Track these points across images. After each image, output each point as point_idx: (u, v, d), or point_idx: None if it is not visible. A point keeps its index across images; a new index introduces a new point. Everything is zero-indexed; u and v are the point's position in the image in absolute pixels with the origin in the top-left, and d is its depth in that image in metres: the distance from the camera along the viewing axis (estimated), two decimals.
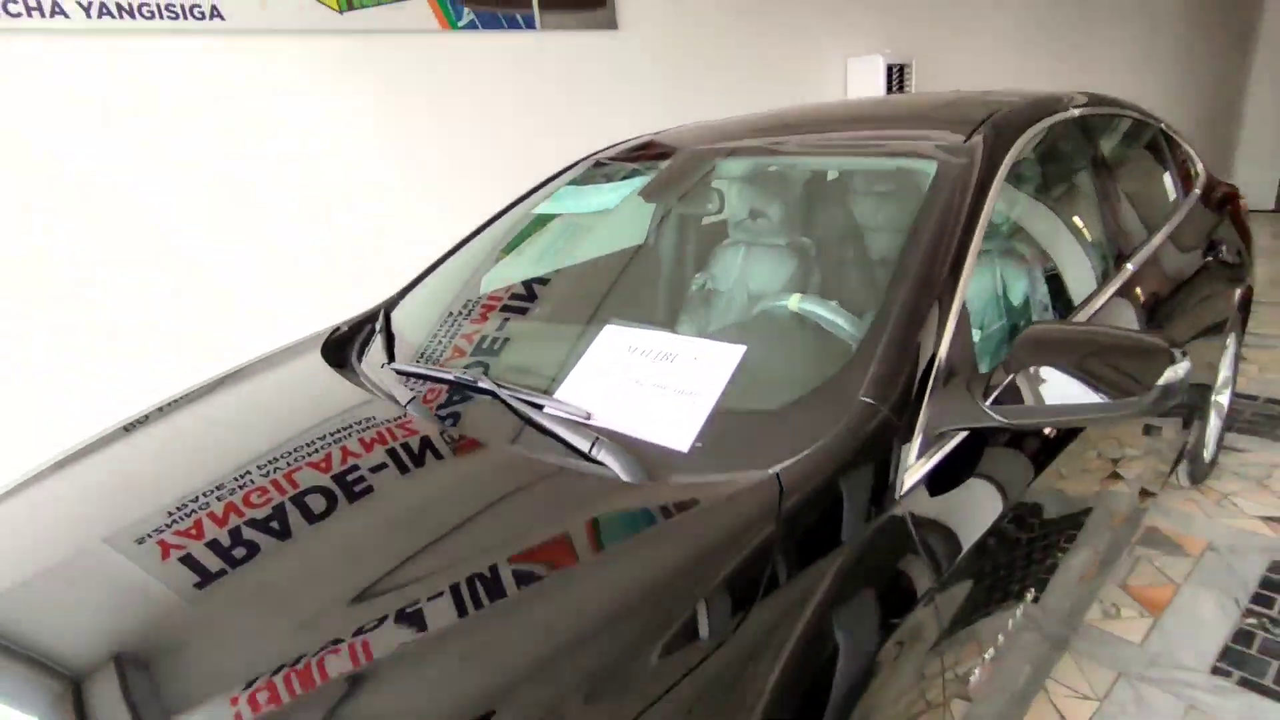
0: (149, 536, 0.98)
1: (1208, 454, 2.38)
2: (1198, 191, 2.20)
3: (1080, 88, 1.84)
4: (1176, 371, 0.92)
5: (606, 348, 1.18)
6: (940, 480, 0.98)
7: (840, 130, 1.60)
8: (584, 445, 0.97)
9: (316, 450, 1.11)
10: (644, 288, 1.83)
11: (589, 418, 1.06)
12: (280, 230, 3.02)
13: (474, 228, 1.97)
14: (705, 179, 1.74)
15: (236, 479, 1.07)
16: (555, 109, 4.09)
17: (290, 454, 1.10)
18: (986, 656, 1.11)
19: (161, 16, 2.91)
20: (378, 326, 1.61)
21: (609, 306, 1.63)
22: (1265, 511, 2.26)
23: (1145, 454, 1.70)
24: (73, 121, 2.61)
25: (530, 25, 4.00)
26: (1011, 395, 0.96)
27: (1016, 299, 1.51)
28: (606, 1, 4.29)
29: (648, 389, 1.07)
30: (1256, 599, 1.89)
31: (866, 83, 5.62)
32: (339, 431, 1.16)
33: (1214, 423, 2.43)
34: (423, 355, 1.42)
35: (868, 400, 0.93)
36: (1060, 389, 0.95)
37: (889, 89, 5.63)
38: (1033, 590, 1.22)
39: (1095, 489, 1.44)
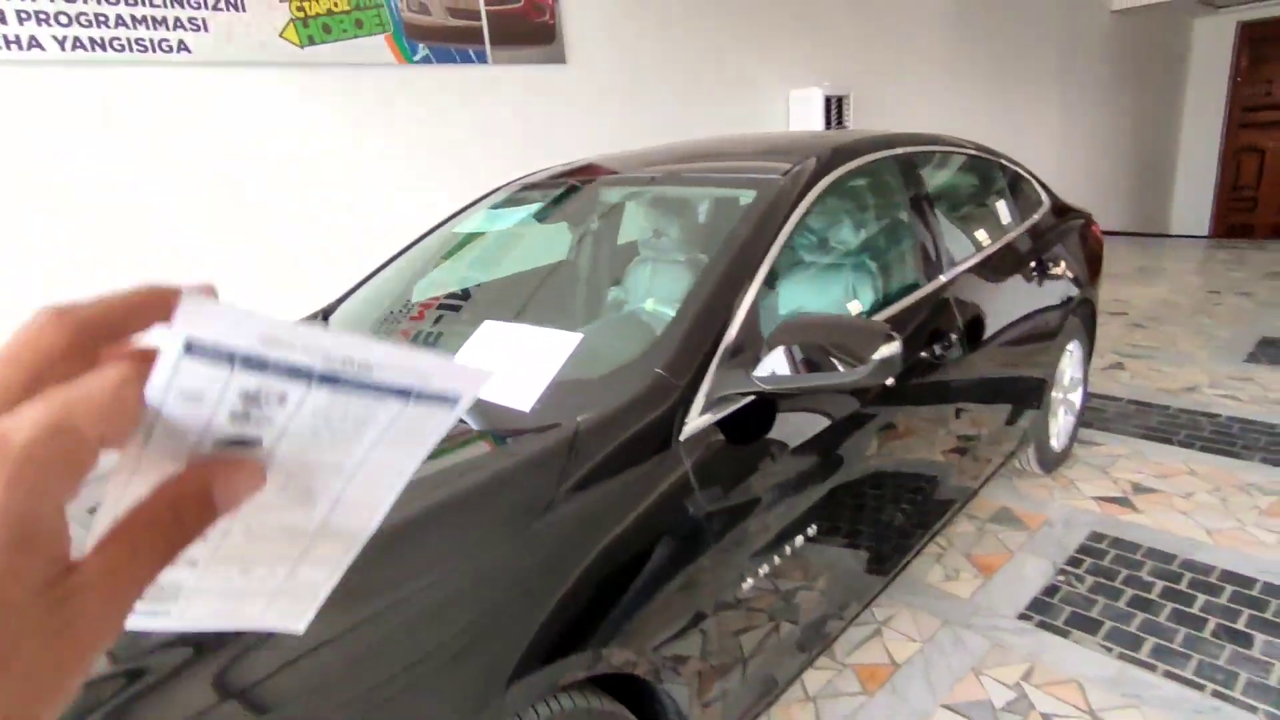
0: None
1: (1057, 444, 2.73)
2: (1036, 218, 2.57)
3: (1010, 123, 2.19)
4: (890, 349, 1.24)
5: (483, 338, 1.48)
6: (738, 431, 1.29)
7: (705, 161, 1.93)
8: None
9: None
10: (562, 297, 2.15)
11: None
12: (236, 246, 3.30)
13: (405, 244, 2.26)
14: (593, 204, 2.06)
15: None
16: (508, 136, 4.42)
17: None
18: (813, 586, 1.42)
19: (132, 50, 3.21)
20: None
21: (528, 314, 1.94)
22: (1100, 493, 2.61)
23: (963, 435, 2.03)
24: (56, 141, 2.89)
25: (482, 59, 4.33)
26: (779, 365, 1.28)
27: (833, 297, 1.85)
28: (555, 38, 4.65)
29: (510, 367, 1.37)
30: (1070, 561, 2.22)
31: (807, 113, 6.03)
32: None
33: (1065, 418, 2.78)
34: None
35: (660, 371, 1.24)
36: (810, 360, 1.27)
37: (828, 120, 6.04)
38: (845, 528, 1.53)
39: (905, 458, 1.76)
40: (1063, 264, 2.56)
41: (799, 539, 1.41)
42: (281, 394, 0.23)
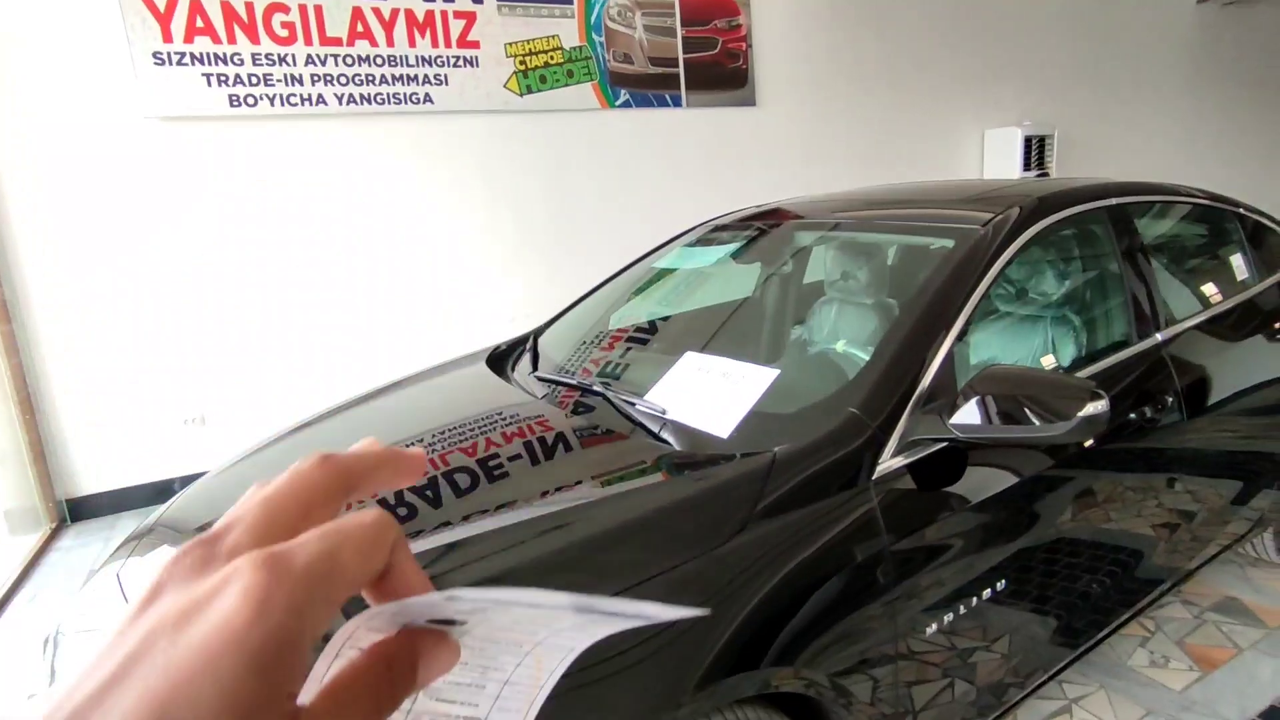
0: None
1: None
2: None
3: (1254, 166, 2.01)
4: (1096, 407, 1.21)
5: (685, 367, 1.61)
6: (928, 478, 1.32)
7: (897, 209, 1.96)
8: (655, 428, 1.41)
9: (477, 430, 1.62)
10: (747, 332, 2.26)
11: (665, 413, 1.49)
12: (460, 265, 3.77)
13: (610, 274, 2.49)
14: (783, 246, 2.15)
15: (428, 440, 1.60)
16: (698, 177, 4.65)
17: (458, 429, 1.62)
18: (993, 647, 1.40)
19: (389, 103, 3.80)
20: (527, 346, 2.16)
21: (712, 345, 2.07)
22: None
23: (1176, 509, 1.85)
24: (329, 186, 3.53)
25: (677, 103, 4.61)
26: (975, 416, 1.28)
27: (1029, 349, 1.79)
28: (746, 82, 4.83)
29: (710, 395, 1.49)
30: None
31: (1003, 154, 5.71)
32: (493, 417, 1.66)
33: None
34: (559, 369, 1.93)
35: (854, 411, 1.30)
36: (1009, 413, 1.26)
37: (1026, 162, 5.68)
38: (1032, 592, 1.48)
39: (1114, 530, 1.66)
40: None
41: (982, 595, 1.38)
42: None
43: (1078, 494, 1.59)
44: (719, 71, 4.73)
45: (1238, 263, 2.21)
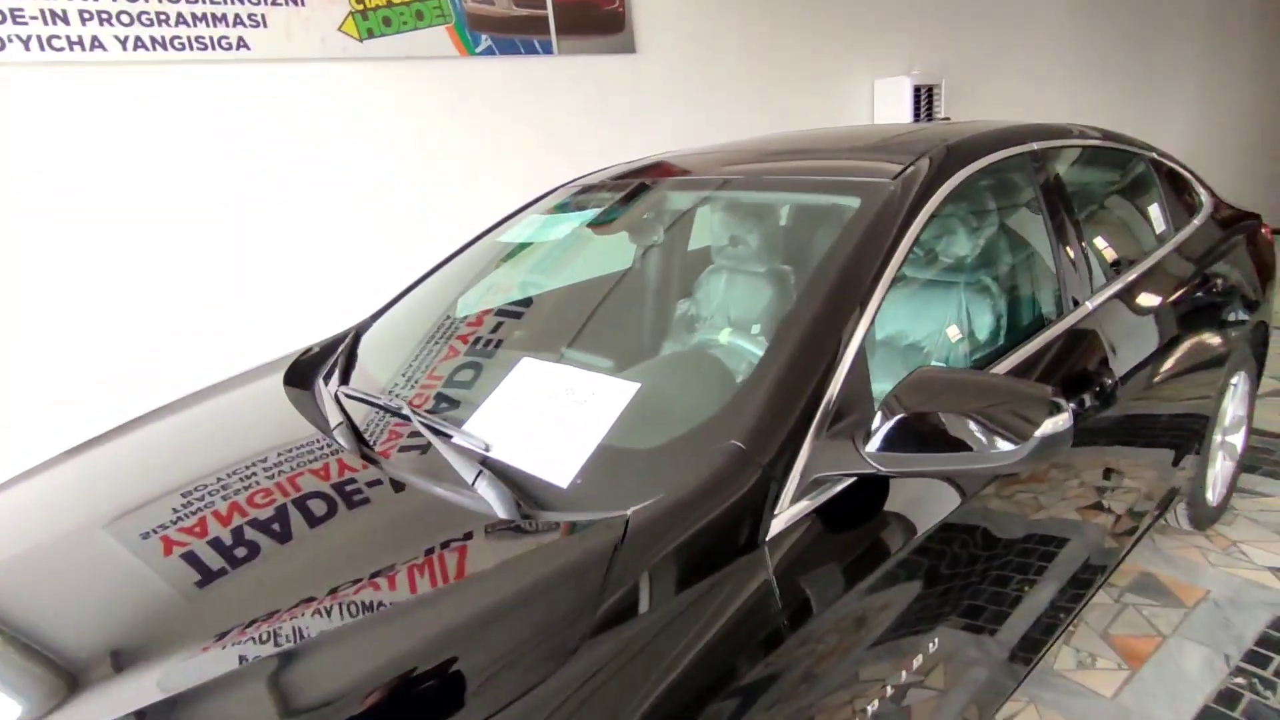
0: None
1: (1213, 496, 2.26)
2: (1196, 223, 2.11)
3: (1137, 110, 1.76)
4: (1057, 424, 0.89)
5: (520, 381, 1.20)
6: (839, 517, 0.98)
7: (794, 160, 1.59)
8: (470, 478, 1.00)
9: (218, 492, 1.15)
10: (618, 320, 1.86)
11: (488, 449, 1.08)
12: (294, 246, 3.17)
13: (447, 254, 2.02)
14: (661, 210, 1.75)
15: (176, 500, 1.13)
16: (576, 131, 4.17)
17: (195, 493, 1.15)
18: (924, 691, 1.09)
19: (192, 48, 3.10)
20: (340, 350, 1.68)
21: (588, 333, 1.66)
22: (1275, 561, 2.13)
23: (1117, 490, 1.63)
24: (113, 142, 2.81)
25: (548, 50, 4.09)
26: (901, 438, 0.94)
27: (951, 333, 1.48)
28: (624, 26, 4.37)
29: (548, 422, 1.09)
30: (1250, 657, 1.78)
31: (893, 104, 5.55)
32: (252, 469, 1.19)
33: (1223, 464, 2.30)
34: (372, 383, 1.46)
35: (738, 445, 0.93)
36: (948, 433, 0.93)
37: (916, 111, 5.54)
38: (967, 623, 1.19)
39: (1048, 521, 1.39)
40: (1230, 279, 2.10)
41: (929, 647, 1.07)
42: None
43: (1018, 498, 1.31)
44: (594, 15, 4.23)
45: (1156, 215, 2.00)
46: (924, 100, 5.58)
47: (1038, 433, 0.89)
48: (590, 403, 1.08)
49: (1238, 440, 2.38)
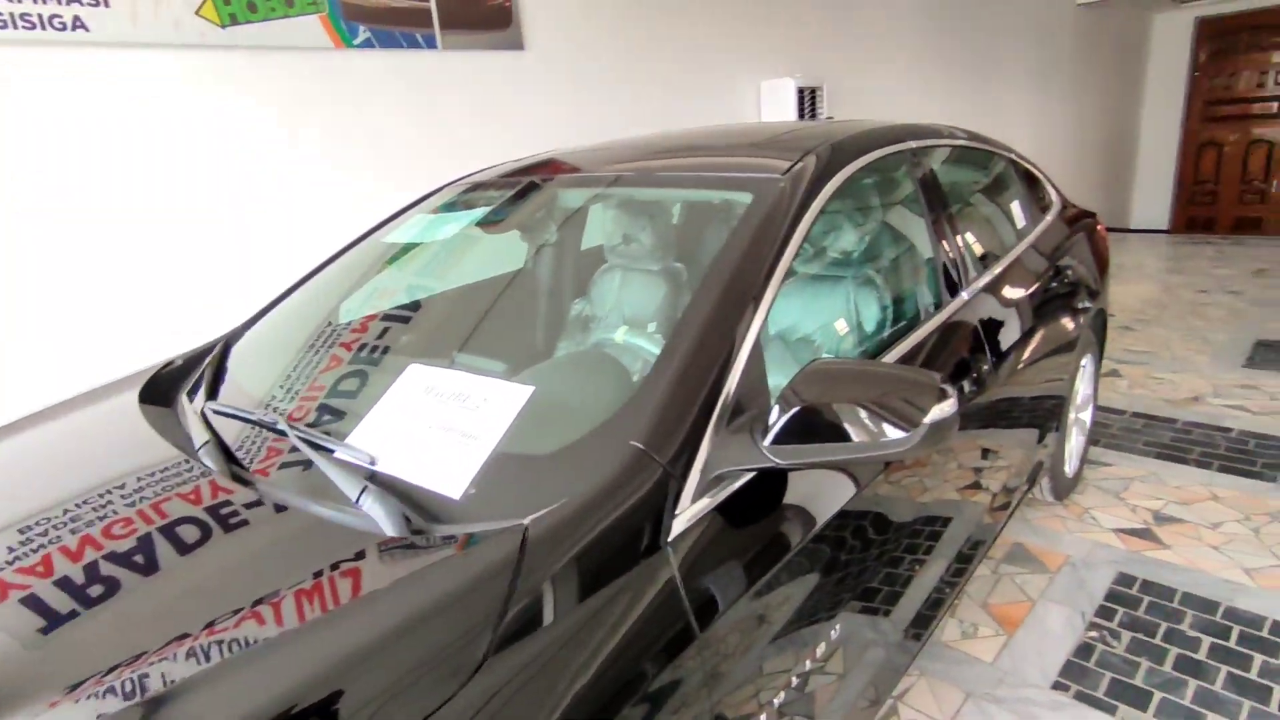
0: None
1: (1069, 469, 2.48)
2: (1049, 219, 2.30)
3: (986, 117, 1.89)
4: (944, 409, 0.94)
5: (408, 388, 1.14)
6: (741, 512, 0.98)
7: (684, 157, 1.60)
8: (354, 494, 0.93)
9: (100, 508, 1.03)
10: (511, 322, 1.80)
11: (374, 463, 1.01)
12: (151, 254, 2.88)
13: (326, 257, 1.90)
14: (550, 208, 1.72)
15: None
16: (461, 129, 4.04)
17: (73, 512, 1.02)
18: (825, 676, 1.12)
19: (15, 26, 2.76)
20: (206, 363, 1.53)
21: (480, 336, 1.59)
22: (1119, 524, 2.36)
23: (993, 469, 1.75)
24: None
25: (431, 45, 3.94)
26: (798, 430, 0.96)
27: (840, 326, 1.54)
28: (512, 22, 4.28)
29: (438, 431, 1.03)
30: (1101, 611, 1.96)
31: (779, 105, 5.76)
32: (107, 495, 1.07)
33: (1076, 439, 2.53)
34: (260, 396, 1.34)
35: (638, 445, 0.91)
36: (842, 423, 0.95)
37: (800, 113, 5.78)
38: (864, 606, 1.23)
39: (933, 503, 1.47)
40: (1077, 271, 2.30)
41: (830, 634, 1.10)
42: None
43: (910, 489, 1.37)
44: (479, 9, 4.12)
45: (1017, 211, 2.16)
46: (808, 101, 5.83)
47: (926, 419, 0.92)
48: (482, 409, 1.04)
49: (1087, 417, 2.62)
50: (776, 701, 1.00)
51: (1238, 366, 3.58)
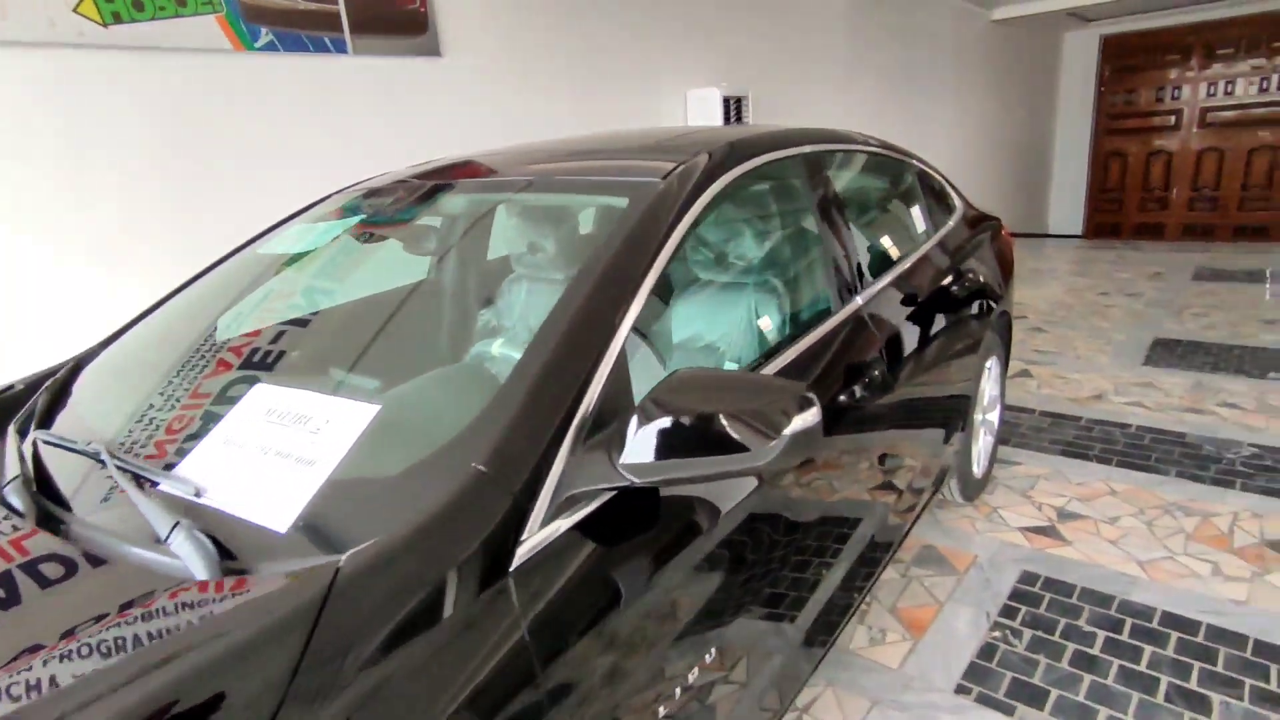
0: None
1: (978, 470, 2.52)
2: (951, 225, 2.34)
3: (908, 127, 1.90)
4: (806, 419, 0.90)
5: (249, 411, 1.04)
6: (610, 528, 0.93)
7: (580, 161, 1.54)
8: (165, 531, 0.83)
9: None
10: (398, 328, 1.71)
11: (199, 495, 0.92)
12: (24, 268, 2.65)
13: (200, 270, 1.77)
14: (440, 212, 1.64)
15: None
16: (375, 140, 3.90)
17: None
18: (723, 687, 1.07)
19: None
20: (45, 388, 1.39)
21: (345, 352, 1.49)
22: (1025, 522, 2.41)
23: (894, 471, 1.74)
24: None
25: (341, 49, 3.79)
26: (657, 444, 0.91)
27: (735, 332, 1.51)
28: (427, 29, 4.16)
29: (273, 457, 0.95)
30: (1005, 611, 1.98)
31: (706, 113, 5.81)
32: None
33: (984, 440, 2.57)
34: (109, 424, 1.21)
35: (479, 468, 0.84)
36: (702, 435, 0.91)
37: (726, 119, 5.83)
38: (754, 616, 1.19)
39: (831, 507, 1.44)
40: (980, 274, 2.35)
41: (712, 649, 1.05)
42: None
43: (799, 484, 1.34)
44: (393, 13, 3.99)
45: (918, 216, 2.19)
46: (734, 110, 5.89)
47: (787, 430, 0.89)
48: (323, 431, 0.95)
49: (995, 418, 2.67)
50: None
51: (1137, 365, 3.74)
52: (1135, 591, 2.01)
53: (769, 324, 1.50)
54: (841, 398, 1.45)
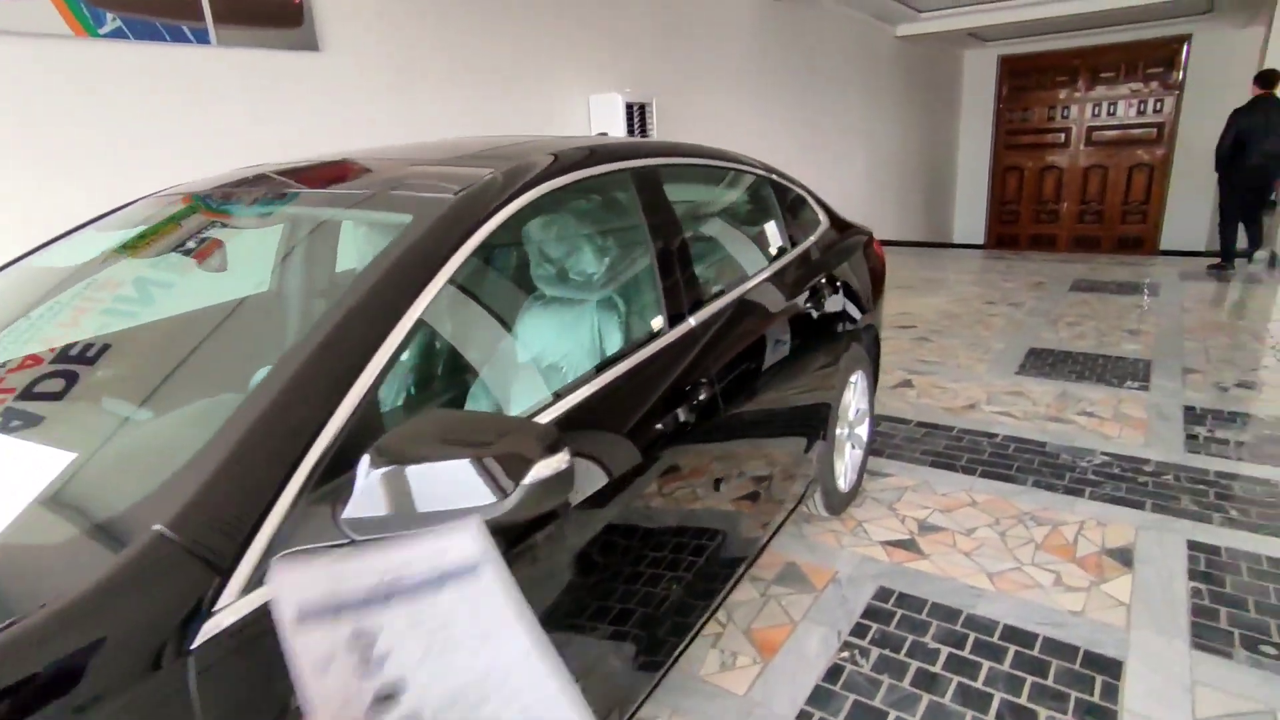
0: None
1: (844, 483, 2.53)
2: (811, 239, 2.34)
3: (816, 140, 1.83)
4: (552, 464, 0.83)
5: None
6: None
7: (373, 175, 1.42)
8: None
9: None
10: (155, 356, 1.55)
11: None
12: None
13: None
14: (212, 230, 1.49)
15: None
16: (242, 140, 3.65)
17: None
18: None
19: None
20: None
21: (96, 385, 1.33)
22: (887, 536, 2.43)
23: (743, 486, 1.71)
24: None
25: (203, 39, 3.54)
26: (389, 495, 0.81)
27: (564, 353, 1.43)
28: (303, 21, 3.94)
29: None
30: (856, 629, 1.98)
31: (608, 119, 5.75)
32: None
33: (851, 454, 2.59)
34: None
35: (162, 531, 0.73)
36: (439, 484, 0.82)
37: (630, 127, 5.79)
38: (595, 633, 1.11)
39: (668, 524, 1.39)
40: (841, 288, 2.35)
41: None
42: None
43: (638, 505, 1.28)
44: (262, 4, 3.76)
45: (772, 231, 2.17)
46: (637, 117, 5.86)
47: (527, 478, 0.81)
48: (11, 479, 0.82)
49: (864, 431, 2.70)
50: None
51: (1010, 374, 3.89)
52: (981, 605, 2.05)
53: (586, 345, 1.43)
54: (677, 414, 1.40)
